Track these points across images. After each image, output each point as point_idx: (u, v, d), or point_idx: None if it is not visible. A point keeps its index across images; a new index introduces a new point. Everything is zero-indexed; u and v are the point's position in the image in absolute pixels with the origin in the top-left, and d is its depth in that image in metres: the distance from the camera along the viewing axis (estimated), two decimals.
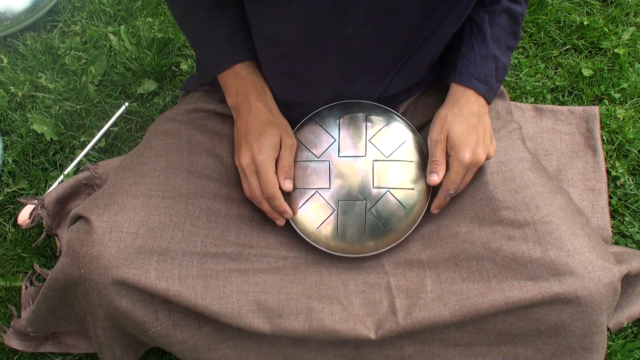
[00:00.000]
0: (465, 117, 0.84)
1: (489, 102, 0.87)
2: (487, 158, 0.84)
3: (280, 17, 0.76)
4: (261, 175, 0.82)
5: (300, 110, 0.91)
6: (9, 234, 1.13)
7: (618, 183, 1.17)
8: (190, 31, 0.87)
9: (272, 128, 0.83)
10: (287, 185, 0.84)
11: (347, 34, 0.76)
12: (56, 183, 1.15)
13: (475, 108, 0.85)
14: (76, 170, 1.19)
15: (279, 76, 0.86)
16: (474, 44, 0.86)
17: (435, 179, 0.84)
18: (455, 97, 0.86)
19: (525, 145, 0.89)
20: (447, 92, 0.88)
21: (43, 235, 1.09)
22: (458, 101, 0.85)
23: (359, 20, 0.75)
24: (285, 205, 0.84)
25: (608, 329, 1.01)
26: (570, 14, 1.33)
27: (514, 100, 1.25)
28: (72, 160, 1.20)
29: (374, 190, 0.87)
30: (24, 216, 1.11)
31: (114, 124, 1.23)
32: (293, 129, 0.91)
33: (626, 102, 1.24)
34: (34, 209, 1.10)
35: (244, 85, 0.86)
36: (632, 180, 1.17)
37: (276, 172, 0.83)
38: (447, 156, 0.85)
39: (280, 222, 0.86)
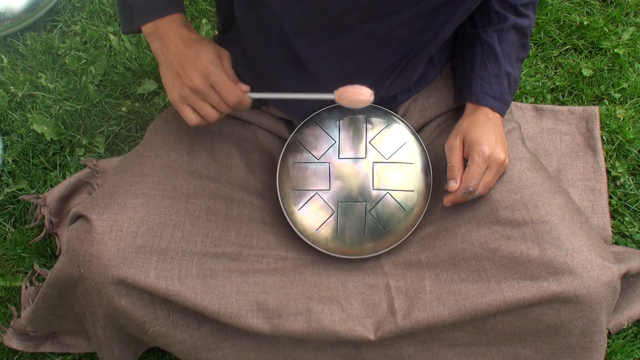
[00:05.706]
0: (481, 123, 0.84)
1: (502, 116, 0.87)
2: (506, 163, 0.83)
3: (280, 7, 0.76)
4: (221, 85, 0.75)
5: (302, 108, 0.91)
6: (9, 234, 1.13)
7: (618, 183, 1.17)
8: None
9: (206, 42, 0.77)
10: (245, 88, 0.78)
11: (346, 25, 0.76)
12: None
13: (491, 119, 0.85)
14: (77, 168, 1.19)
15: (285, 62, 0.86)
16: (486, 63, 0.87)
17: (453, 184, 0.83)
18: (472, 110, 0.87)
19: (524, 145, 0.89)
20: (463, 109, 0.89)
21: (43, 234, 1.10)
22: (474, 112, 0.86)
23: (359, 15, 0.74)
24: (249, 100, 0.79)
25: (608, 330, 1.01)
26: (570, 14, 1.33)
27: (514, 100, 1.25)
28: (71, 160, 1.20)
29: (374, 192, 0.87)
30: None
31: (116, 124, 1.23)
32: (293, 131, 0.91)
33: (626, 102, 1.24)
34: (37, 208, 1.10)
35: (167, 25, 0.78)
36: (632, 180, 1.17)
37: None
38: (465, 161, 0.84)
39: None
